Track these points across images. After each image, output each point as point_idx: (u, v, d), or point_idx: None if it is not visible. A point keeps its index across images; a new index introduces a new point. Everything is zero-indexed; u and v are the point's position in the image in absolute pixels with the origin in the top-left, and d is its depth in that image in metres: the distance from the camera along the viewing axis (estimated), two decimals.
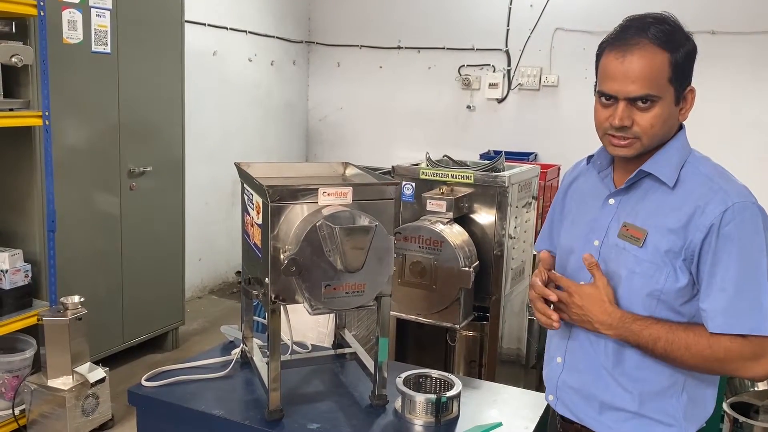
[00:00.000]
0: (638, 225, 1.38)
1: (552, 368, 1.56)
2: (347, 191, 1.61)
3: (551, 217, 1.72)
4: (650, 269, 1.35)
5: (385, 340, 1.73)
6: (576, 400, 1.49)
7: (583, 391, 1.47)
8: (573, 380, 1.50)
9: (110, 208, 3.73)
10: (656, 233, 1.35)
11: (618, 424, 1.42)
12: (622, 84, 1.34)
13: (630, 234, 1.38)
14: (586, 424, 1.47)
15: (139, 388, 1.81)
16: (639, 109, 1.34)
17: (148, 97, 3.87)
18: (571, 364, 1.50)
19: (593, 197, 1.51)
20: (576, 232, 1.52)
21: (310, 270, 1.52)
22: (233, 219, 5.69)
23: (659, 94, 1.33)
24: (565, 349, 1.51)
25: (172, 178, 4.12)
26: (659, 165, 1.39)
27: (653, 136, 1.36)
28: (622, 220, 1.41)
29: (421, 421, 1.66)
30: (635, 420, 1.40)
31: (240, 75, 5.59)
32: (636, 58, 1.33)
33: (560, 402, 1.53)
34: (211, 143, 5.27)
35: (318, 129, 6.59)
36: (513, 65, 5.58)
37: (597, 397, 1.45)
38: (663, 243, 1.34)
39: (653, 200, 1.39)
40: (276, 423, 1.63)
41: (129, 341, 3.93)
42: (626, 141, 1.37)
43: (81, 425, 3.10)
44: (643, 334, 1.34)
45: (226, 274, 5.76)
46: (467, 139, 5.72)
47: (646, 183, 1.41)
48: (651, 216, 1.37)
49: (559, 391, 1.53)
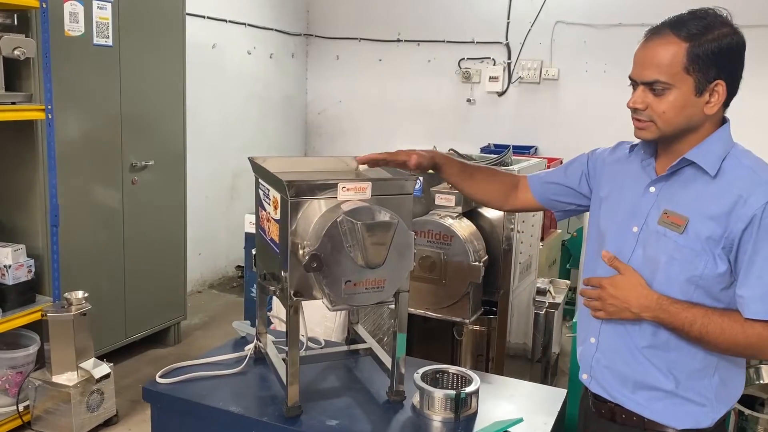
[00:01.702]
0: (679, 212, 1.41)
1: (586, 348, 1.60)
2: (366, 186, 1.60)
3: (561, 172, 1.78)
4: (690, 255, 1.39)
5: (403, 336, 1.72)
6: (610, 379, 1.53)
7: (617, 370, 1.51)
8: (607, 360, 1.53)
9: (112, 203, 3.70)
10: (697, 220, 1.38)
11: (651, 402, 1.46)
12: (639, 69, 1.43)
13: (671, 221, 1.42)
14: (619, 402, 1.51)
15: (153, 385, 1.79)
16: (654, 95, 1.40)
17: (149, 90, 3.84)
18: (605, 344, 1.54)
19: (633, 185, 1.54)
20: (615, 218, 1.55)
21: (330, 266, 1.50)
22: (233, 213, 5.67)
23: (671, 81, 1.37)
24: (599, 330, 1.54)
25: (173, 172, 4.09)
26: (702, 154, 1.42)
27: (667, 121, 1.41)
28: (663, 207, 1.45)
29: (440, 417, 1.65)
30: (668, 399, 1.45)
31: (239, 68, 5.55)
32: (652, 45, 1.40)
33: (594, 381, 1.57)
34: (211, 137, 5.24)
35: (317, 122, 6.56)
36: (513, 58, 5.57)
37: (630, 377, 1.49)
38: (704, 230, 1.37)
39: (694, 189, 1.42)
40: (295, 419, 1.62)
41: (131, 336, 3.91)
42: (642, 123, 1.44)
43: (86, 421, 3.09)
44: (679, 316, 1.38)
45: (226, 268, 5.74)
46: (467, 133, 5.71)
47: (688, 172, 1.44)
48: (692, 204, 1.41)
49: (593, 371, 1.57)
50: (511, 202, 1.84)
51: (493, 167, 1.89)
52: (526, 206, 1.84)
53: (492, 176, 1.85)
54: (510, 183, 1.84)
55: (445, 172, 1.82)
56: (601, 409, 1.56)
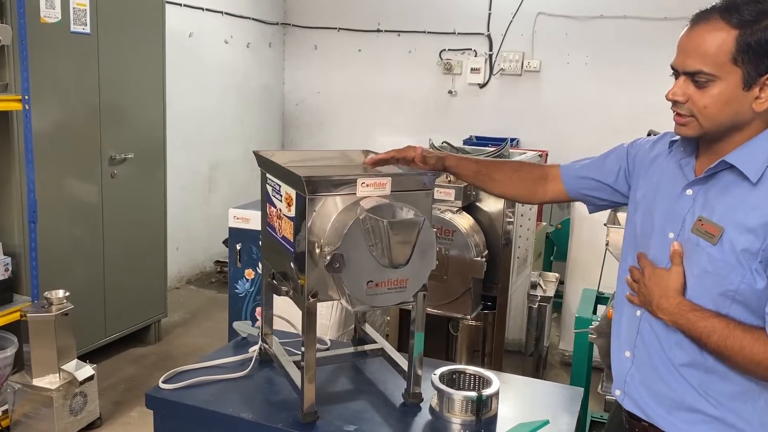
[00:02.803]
0: (714, 221, 1.30)
1: (620, 362, 1.49)
2: (386, 182, 1.53)
3: (598, 166, 1.63)
4: (724, 269, 1.27)
5: (421, 336, 1.67)
6: (645, 397, 1.42)
7: (653, 387, 1.41)
8: (642, 376, 1.43)
9: (91, 197, 3.56)
10: (733, 231, 1.27)
11: (688, 425, 1.36)
12: (681, 57, 1.30)
13: (705, 230, 1.30)
14: (654, 422, 1.41)
15: (157, 391, 1.70)
16: (697, 87, 1.28)
17: (129, 79, 3.70)
18: (640, 359, 1.44)
19: (670, 186, 1.42)
20: (650, 223, 1.44)
21: (351, 266, 1.44)
22: (210, 206, 5.54)
23: (715, 73, 1.25)
24: (634, 344, 1.45)
25: (153, 165, 3.96)
26: (744, 158, 1.28)
27: (709, 117, 1.28)
28: (698, 213, 1.33)
29: (460, 420, 1.60)
30: (707, 423, 1.34)
31: (216, 57, 5.41)
32: (697, 32, 1.27)
33: (628, 398, 1.47)
34: (188, 128, 5.09)
35: (295, 114, 6.44)
36: (495, 50, 5.54)
37: (667, 396, 1.39)
38: (740, 242, 1.26)
39: (733, 196, 1.29)
40: (311, 426, 1.56)
41: (111, 335, 3.78)
42: (683, 119, 1.32)
43: (69, 425, 2.97)
44: (698, 324, 1.28)
45: (204, 263, 5.61)
46: (449, 125, 5.66)
47: (727, 176, 1.31)
48: (729, 212, 1.29)
49: (627, 387, 1.46)
50: (540, 195, 1.73)
51: (517, 161, 1.80)
52: (556, 199, 1.72)
53: (516, 171, 1.75)
54: (538, 175, 1.73)
55: (460, 175, 1.74)
56: (635, 428, 1.46)
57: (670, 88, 1.33)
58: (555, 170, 1.72)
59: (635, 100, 5.12)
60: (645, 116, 5.09)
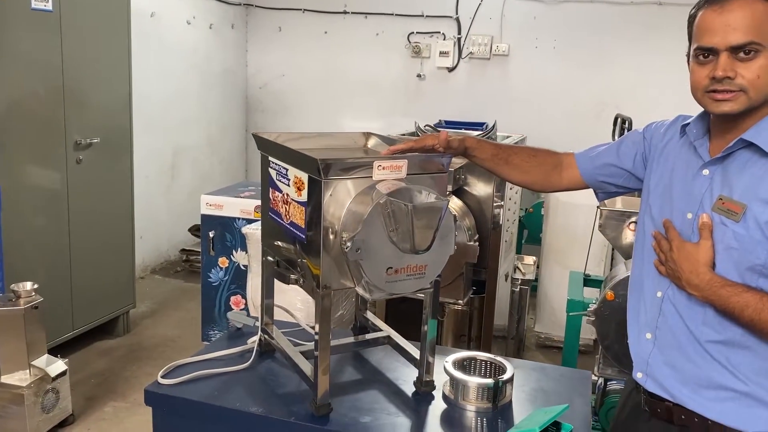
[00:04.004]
0: (735, 198, 1.31)
1: (641, 345, 1.48)
2: (402, 164, 1.48)
3: (614, 152, 1.63)
4: (750, 244, 1.29)
5: (434, 323, 1.63)
6: (670, 378, 1.42)
7: (678, 367, 1.41)
8: (666, 356, 1.43)
9: (55, 184, 3.39)
10: (757, 207, 1.29)
11: (716, 403, 1.36)
12: (723, 34, 1.29)
13: (727, 208, 1.32)
14: (680, 402, 1.40)
15: (156, 387, 1.62)
16: (741, 60, 1.28)
17: (93, 59, 3.52)
18: (663, 340, 1.43)
19: (685, 167, 1.43)
20: (668, 205, 1.45)
21: (371, 252, 1.38)
22: (174, 193, 5.37)
23: (764, 42, 1.27)
24: (656, 326, 1.44)
25: (119, 150, 3.79)
26: (762, 134, 1.30)
27: (760, 89, 1.29)
28: (717, 192, 1.35)
29: (475, 407, 1.57)
30: (736, 400, 1.35)
31: (178, 39, 5.21)
32: (736, 6, 1.29)
33: (651, 379, 1.46)
34: (150, 112, 4.89)
35: (258, 97, 6.28)
36: (464, 33, 5.50)
37: (693, 374, 1.38)
38: (763, 216, 1.28)
39: (753, 173, 1.31)
40: (325, 418, 1.50)
41: (79, 327, 3.63)
42: (731, 94, 1.30)
43: (41, 423, 2.83)
44: (731, 300, 1.29)
45: (168, 252, 5.44)
46: (418, 109, 5.60)
47: (745, 154, 1.33)
48: (750, 189, 1.31)
49: (649, 368, 1.46)
50: (554, 183, 1.71)
51: (534, 147, 1.76)
52: (571, 186, 1.71)
53: (531, 157, 1.72)
54: (552, 163, 1.71)
55: (477, 157, 1.70)
56: (656, 408, 1.45)
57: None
58: (570, 158, 1.71)
59: (603, 85, 5.18)
60: (612, 100, 5.18)
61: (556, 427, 1.47)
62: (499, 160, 1.70)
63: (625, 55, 5.11)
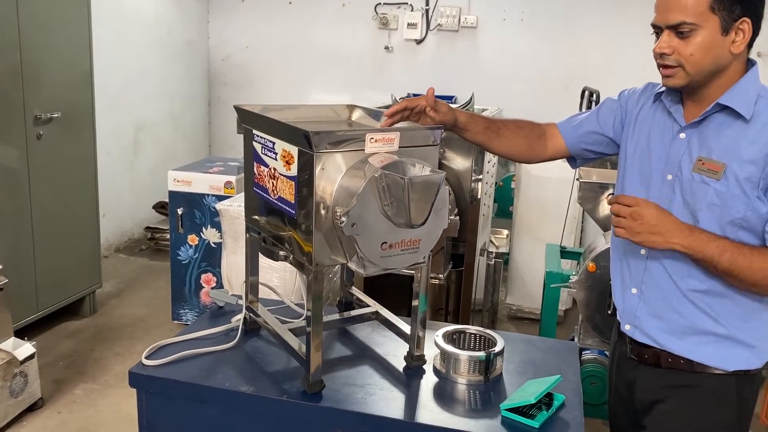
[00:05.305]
0: (714, 159, 1.40)
1: (628, 299, 1.58)
2: (394, 137, 1.45)
3: (594, 120, 1.69)
4: (730, 200, 1.39)
5: (424, 297, 1.62)
6: (655, 328, 1.52)
7: (665, 317, 1.51)
8: (651, 308, 1.53)
9: (14, 161, 3.25)
10: (735, 165, 1.38)
11: (700, 346, 1.47)
12: (663, 13, 1.40)
13: (707, 168, 1.41)
14: (666, 348, 1.51)
15: (141, 368, 1.57)
16: (680, 38, 1.38)
17: (51, 30, 3.37)
18: (649, 294, 1.53)
19: (660, 132, 1.52)
20: (647, 168, 1.53)
21: (366, 227, 1.35)
22: (136, 171, 5.22)
23: (696, 21, 1.35)
24: (641, 281, 1.54)
25: (81, 124, 3.65)
26: (736, 98, 1.40)
27: (695, 64, 1.38)
28: (695, 154, 1.43)
29: (466, 380, 1.58)
30: (718, 343, 1.46)
31: (138, 9, 5.03)
32: None
33: (638, 330, 1.57)
34: (111, 87, 4.71)
35: (221, 70, 6.12)
36: (432, 5, 5.44)
37: (678, 323, 1.49)
38: (742, 173, 1.37)
39: (728, 135, 1.41)
40: (318, 395, 1.48)
41: (43, 309, 3.52)
42: (671, 70, 1.41)
43: (9, 408, 2.75)
44: (710, 245, 1.38)
45: (132, 230, 5.31)
46: (385, 82, 5.54)
47: (719, 117, 1.42)
48: (727, 150, 1.40)
49: (637, 320, 1.56)
50: (538, 153, 1.74)
51: (518, 119, 1.77)
52: (554, 156, 1.75)
53: (519, 129, 1.73)
54: (536, 133, 1.73)
55: (470, 131, 1.69)
56: (643, 354, 1.56)
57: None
58: (553, 128, 1.75)
59: (571, 57, 5.19)
60: (579, 73, 5.19)
61: (549, 398, 1.48)
62: (490, 133, 1.70)
63: (593, 27, 5.13)
